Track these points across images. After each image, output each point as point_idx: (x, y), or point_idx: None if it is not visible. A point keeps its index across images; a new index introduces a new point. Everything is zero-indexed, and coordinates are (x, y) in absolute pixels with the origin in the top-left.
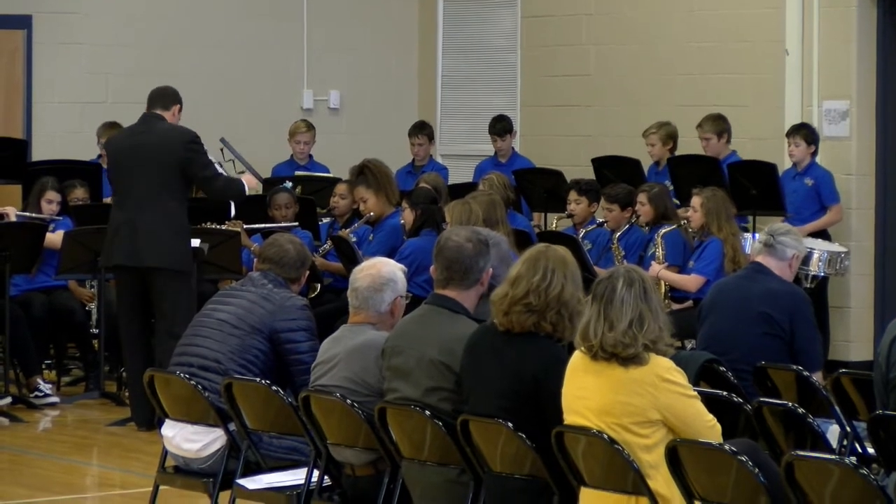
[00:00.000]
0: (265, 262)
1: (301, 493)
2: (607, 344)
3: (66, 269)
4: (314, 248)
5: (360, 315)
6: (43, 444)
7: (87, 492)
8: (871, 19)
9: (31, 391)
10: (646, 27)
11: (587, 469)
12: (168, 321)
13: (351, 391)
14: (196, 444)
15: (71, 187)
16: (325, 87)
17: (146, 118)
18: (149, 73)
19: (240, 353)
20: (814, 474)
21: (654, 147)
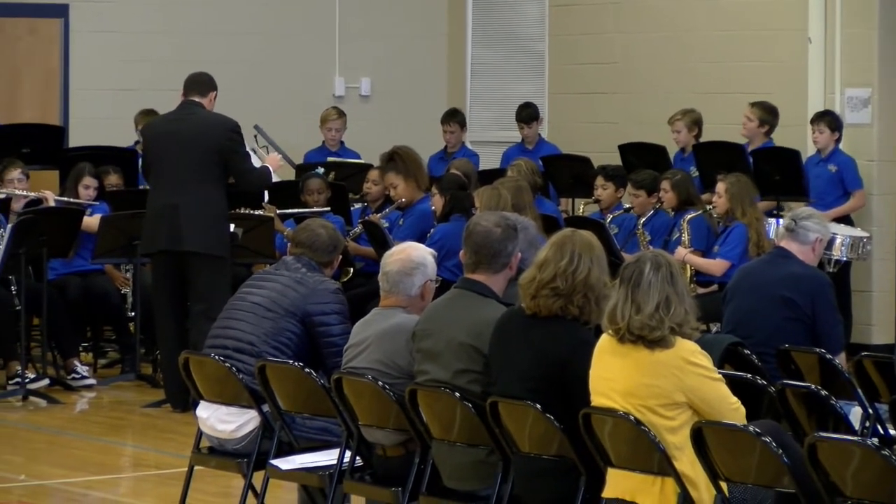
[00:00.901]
0: (298, 246)
1: (333, 473)
2: (634, 326)
3: (103, 253)
4: (346, 232)
5: (390, 299)
6: (79, 425)
7: (123, 472)
8: (892, 7)
9: (68, 373)
10: (671, 16)
11: (614, 450)
12: (204, 304)
13: (382, 373)
14: (230, 426)
15: (105, 173)
16: (356, 75)
17: (185, 105)
18: (182, 61)
19: (273, 335)
20: (836, 455)
21: (680, 133)
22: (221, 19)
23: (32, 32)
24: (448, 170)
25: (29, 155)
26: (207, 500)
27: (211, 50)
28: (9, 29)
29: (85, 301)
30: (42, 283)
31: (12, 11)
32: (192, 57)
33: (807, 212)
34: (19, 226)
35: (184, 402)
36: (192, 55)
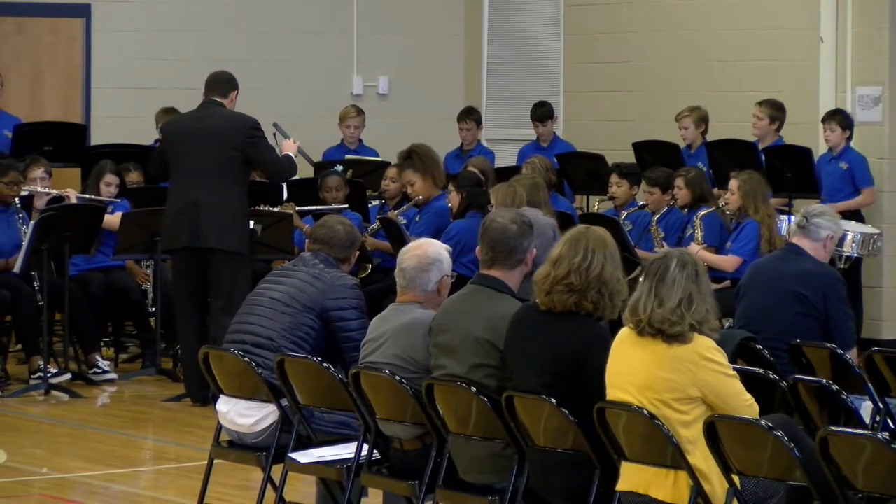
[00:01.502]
0: (316, 242)
1: (351, 466)
2: (655, 320)
3: (124, 250)
4: (363, 229)
5: (407, 294)
6: (101, 419)
7: (144, 465)
8: None
9: (90, 368)
10: (684, 15)
11: (628, 444)
12: (224, 300)
13: (399, 368)
14: (249, 419)
15: (126, 170)
16: (374, 74)
17: (206, 104)
18: (202, 60)
19: (292, 330)
20: (847, 449)
21: (688, 130)
22: (241, 18)
23: (55, 32)
24: (464, 167)
25: (51, 153)
26: (227, 492)
27: (230, 49)
28: (32, 28)
29: (106, 297)
30: (64, 279)
31: (35, 11)
32: (212, 56)
33: (819, 209)
34: (42, 223)
35: (204, 397)
36: (212, 54)
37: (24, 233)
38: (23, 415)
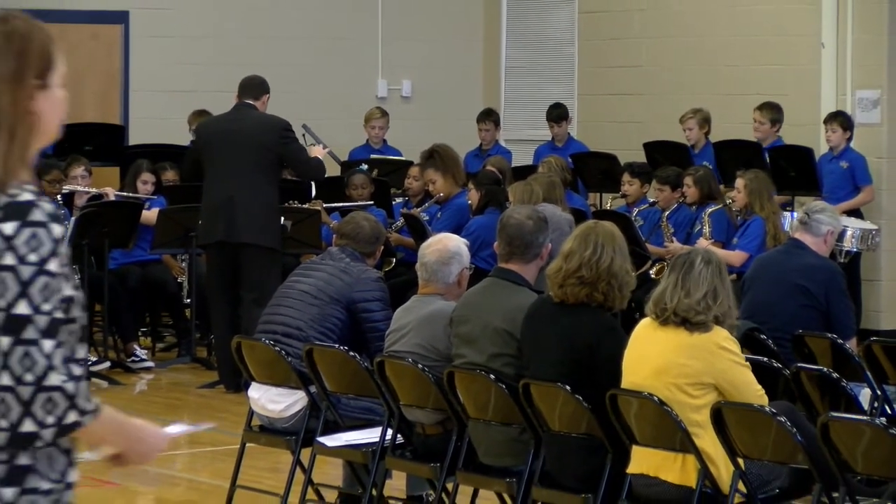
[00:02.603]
0: (342, 237)
1: (376, 450)
2: (681, 309)
3: (160, 244)
4: (388, 225)
5: (429, 287)
6: (139, 405)
7: (179, 449)
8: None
9: (128, 356)
10: (693, 22)
11: (639, 429)
12: (256, 292)
13: (421, 356)
14: (279, 405)
15: (162, 169)
16: (397, 77)
17: (239, 107)
18: (233, 64)
19: (320, 321)
20: (847, 434)
21: (692, 131)
22: (271, 25)
23: (94, 38)
24: (483, 166)
25: (91, 152)
26: (258, 475)
27: (261, 54)
28: (72, 35)
29: (144, 289)
30: (103, 272)
31: (76, 18)
32: (243, 60)
33: (819, 205)
34: (82, 219)
35: (236, 384)
36: (243, 59)
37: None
38: None
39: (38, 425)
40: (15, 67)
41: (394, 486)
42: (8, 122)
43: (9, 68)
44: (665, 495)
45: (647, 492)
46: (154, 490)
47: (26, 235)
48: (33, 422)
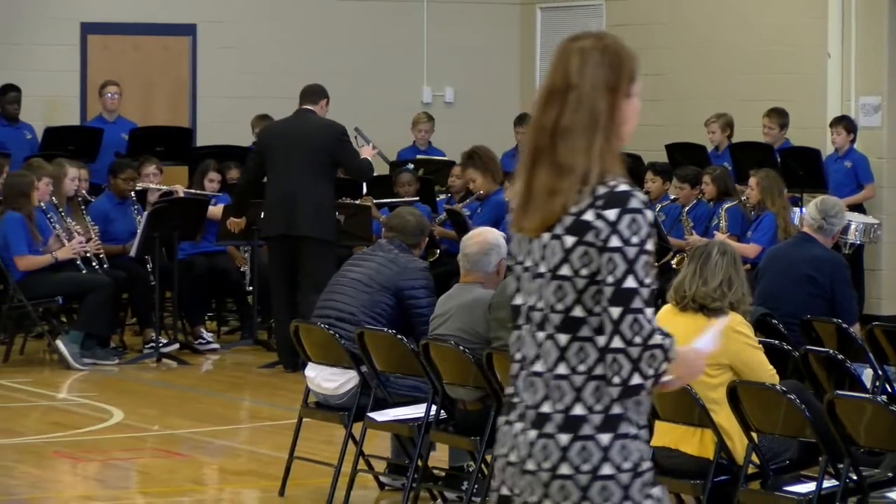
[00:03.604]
0: (391, 230)
1: (421, 424)
2: (699, 296)
3: (225, 237)
4: (432, 219)
5: (470, 276)
6: (205, 384)
7: (241, 423)
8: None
9: (196, 339)
10: (709, 34)
11: (661, 405)
12: (313, 280)
13: (463, 339)
14: (334, 384)
15: (227, 168)
16: (441, 85)
17: (300, 112)
18: (292, 72)
19: (370, 307)
20: (851, 410)
21: (715, 134)
22: (326, 37)
23: (165, 48)
24: None
25: (162, 153)
26: (314, 447)
27: (317, 62)
28: (145, 46)
29: (210, 277)
30: (173, 262)
31: (149, 31)
32: (301, 69)
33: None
34: (154, 213)
35: (294, 364)
36: (301, 67)
37: (138, 222)
38: (137, 380)
39: (643, 377)
40: (611, 78)
41: (437, 458)
42: (605, 124)
43: (606, 78)
44: (685, 466)
45: (669, 463)
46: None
47: (627, 220)
48: (640, 375)
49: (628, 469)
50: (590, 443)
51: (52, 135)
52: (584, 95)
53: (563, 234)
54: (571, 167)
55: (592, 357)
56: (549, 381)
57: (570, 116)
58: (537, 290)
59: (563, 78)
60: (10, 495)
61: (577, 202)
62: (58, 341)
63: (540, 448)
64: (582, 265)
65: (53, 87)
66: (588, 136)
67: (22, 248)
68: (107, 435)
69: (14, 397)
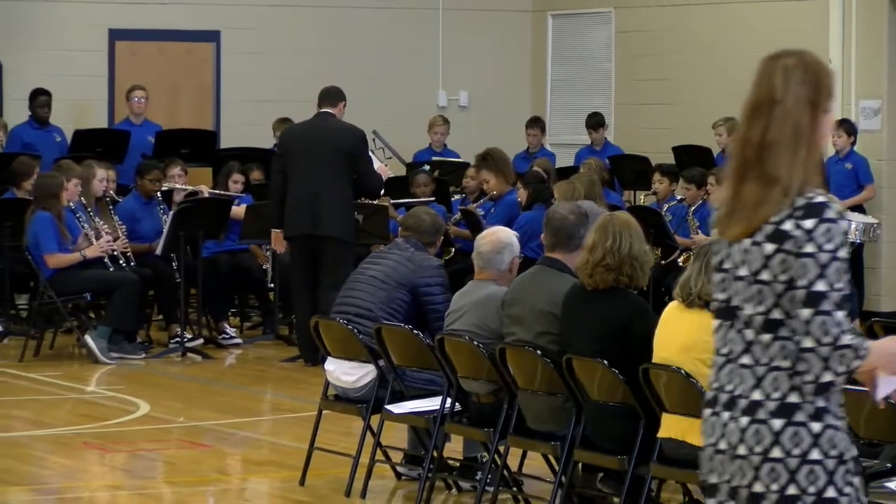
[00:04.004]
0: (407, 229)
1: (437, 416)
2: (704, 293)
3: (248, 236)
4: (447, 218)
5: (484, 273)
6: (228, 377)
7: (264, 415)
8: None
9: (220, 334)
10: (713, 40)
11: (668, 398)
12: (332, 278)
13: (476, 334)
14: (352, 377)
15: (250, 169)
16: (456, 89)
17: (321, 115)
18: (312, 77)
19: (387, 303)
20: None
21: (722, 137)
22: (345, 43)
23: (190, 54)
24: (531, 167)
25: (187, 155)
26: (333, 438)
27: (335, 67)
28: (171, 51)
29: (233, 275)
30: (198, 260)
31: (174, 37)
32: (321, 74)
33: None
34: (179, 213)
35: (314, 358)
36: (320, 72)
37: (164, 221)
38: (163, 373)
39: (835, 375)
40: (812, 94)
41: (452, 449)
42: (807, 137)
43: (808, 94)
44: (691, 457)
45: (675, 453)
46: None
47: (822, 230)
48: (832, 373)
49: (834, 456)
50: (802, 429)
51: (81, 137)
52: (789, 111)
53: (764, 241)
54: (777, 179)
55: (794, 354)
56: (759, 371)
57: (776, 131)
58: (740, 291)
59: (767, 94)
60: (42, 485)
61: (778, 212)
62: (86, 336)
63: (752, 433)
64: (781, 271)
65: (82, 91)
66: (792, 150)
67: (52, 246)
68: (134, 427)
69: (44, 390)
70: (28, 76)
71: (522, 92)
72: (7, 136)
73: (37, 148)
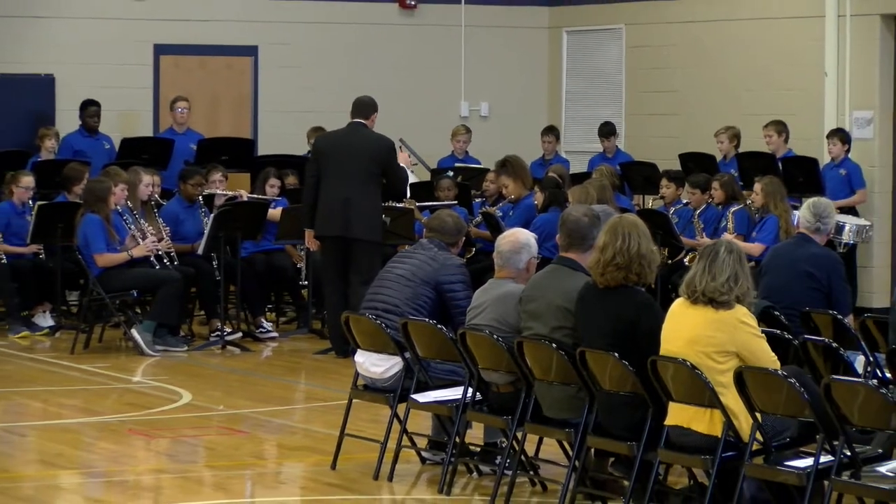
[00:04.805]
0: (431, 230)
1: (459, 405)
2: (708, 290)
3: (283, 236)
4: (469, 220)
5: (503, 271)
6: (265, 368)
7: (297, 404)
8: (889, 50)
9: (257, 328)
10: (718, 54)
11: (674, 388)
12: (362, 276)
13: (496, 329)
14: (380, 368)
15: (285, 175)
16: (477, 100)
17: (353, 125)
18: (343, 89)
19: (413, 299)
20: (845, 393)
21: (723, 144)
22: (375, 57)
23: (229, 67)
24: (546, 173)
25: (227, 161)
26: (362, 425)
27: (366, 79)
28: (212, 65)
29: (269, 273)
30: (236, 260)
31: (214, 52)
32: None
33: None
34: (219, 215)
35: (345, 351)
36: (351, 84)
37: (205, 223)
38: (204, 364)
39: None
40: None
41: (473, 435)
42: None
43: None
44: (696, 443)
45: (682, 440)
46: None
47: None
48: None
49: None
50: None
51: (128, 145)
52: None
53: None
54: None
55: None
56: None
57: None
58: None
59: None
60: (91, 468)
61: None
62: (133, 330)
63: None
64: None
65: (129, 102)
66: None
67: (101, 246)
68: (176, 414)
69: (93, 380)
70: (79, 88)
71: (539, 103)
72: (59, 143)
73: (87, 155)
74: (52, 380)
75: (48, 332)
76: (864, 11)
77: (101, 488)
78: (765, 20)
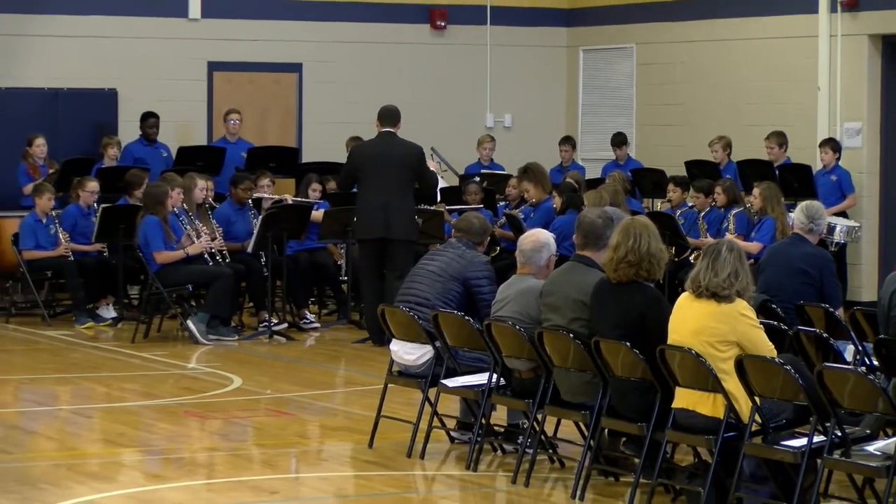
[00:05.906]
0: (459, 231)
1: (485, 389)
2: (711, 285)
3: (325, 236)
4: (493, 222)
5: (525, 268)
6: (308, 356)
7: (338, 388)
8: (877, 67)
9: (301, 319)
10: (720, 71)
11: (681, 374)
12: (397, 272)
13: (519, 320)
14: (413, 356)
15: (326, 180)
16: (501, 112)
17: (384, 134)
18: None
19: (442, 294)
20: (836, 379)
21: (717, 153)
22: (408, 73)
23: (276, 83)
24: (564, 178)
25: (274, 168)
26: (397, 407)
27: (400, 94)
28: (260, 81)
29: (312, 269)
30: (282, 257)
31: (263, 68)
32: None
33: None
34: (267, 217)
35: (381, 340)
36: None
37: (254, 224)
38: (252, 352)
39: None
40: None
41: (497, 417)
42: None
43: None
44: (700, 424)
45: (687, 422)
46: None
47: None
48: None
49: None
50: None
51: (184, 153)
52: None
53: None
54: None
55: None
56: None
57: None
58: None
59: None
60: (150, 447)
61: None
62: (188, 321)
63: None
64: None
65: (185, 114)
66: None
67: (159, 245)
68: (228, 398)
69: (152, 367)
70: (139, 101)
71: (557, 115)
72: (121, 152)
73: (146, 162)
74: (115, 366)
75: (111, 323)
76: (854, 32)
77: (160, 465)
78: (763, 40)
